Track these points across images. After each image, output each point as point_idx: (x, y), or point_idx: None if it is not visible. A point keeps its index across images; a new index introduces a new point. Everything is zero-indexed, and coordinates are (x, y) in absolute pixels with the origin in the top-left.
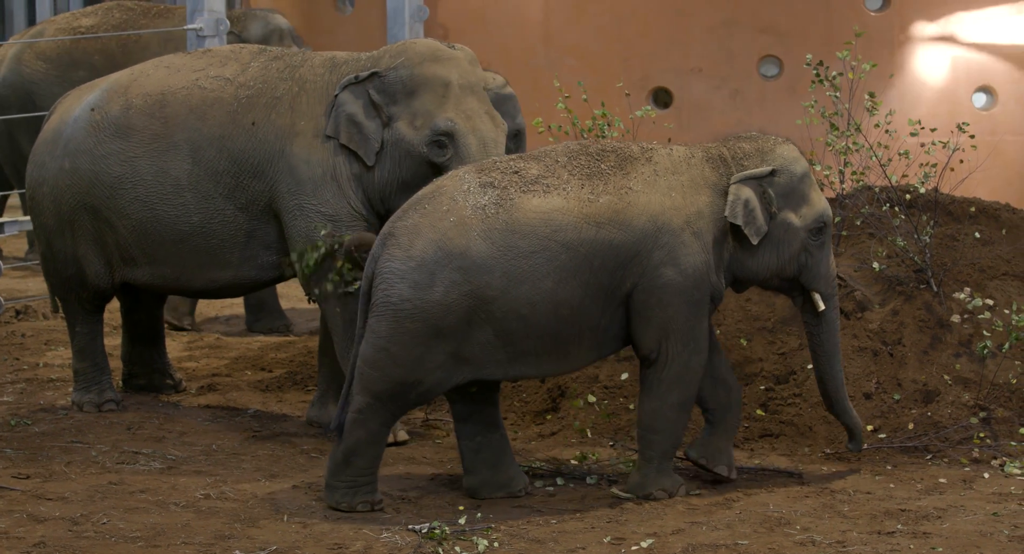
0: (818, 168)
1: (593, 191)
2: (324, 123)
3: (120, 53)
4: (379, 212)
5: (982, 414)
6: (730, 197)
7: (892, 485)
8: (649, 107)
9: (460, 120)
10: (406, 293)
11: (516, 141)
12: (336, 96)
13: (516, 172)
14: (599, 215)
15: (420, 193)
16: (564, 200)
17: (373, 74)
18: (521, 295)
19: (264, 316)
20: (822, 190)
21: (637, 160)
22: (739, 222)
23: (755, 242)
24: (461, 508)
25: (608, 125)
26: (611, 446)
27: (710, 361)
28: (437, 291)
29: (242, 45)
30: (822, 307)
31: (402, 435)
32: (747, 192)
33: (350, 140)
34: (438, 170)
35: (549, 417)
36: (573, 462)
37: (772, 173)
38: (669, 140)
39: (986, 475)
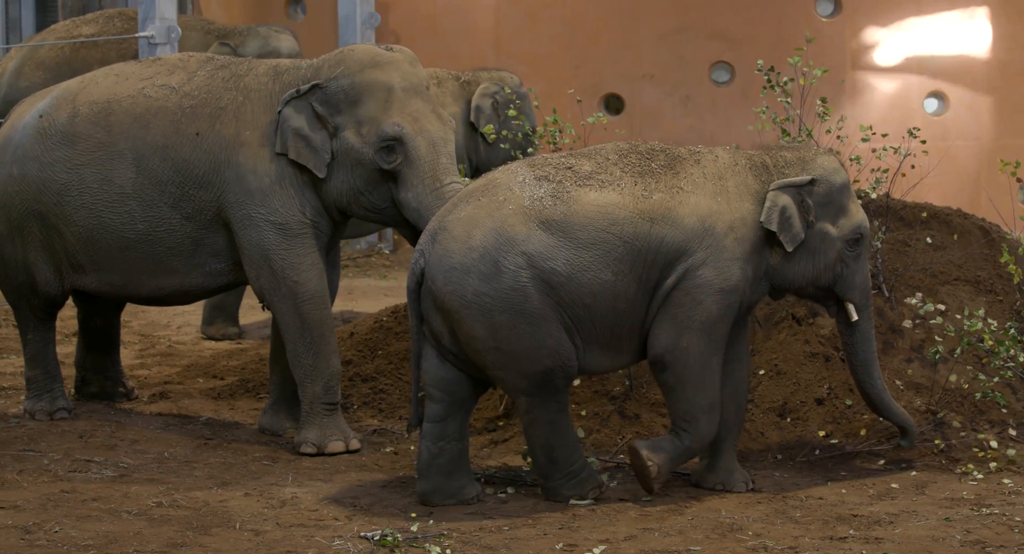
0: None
1: (646, 188)
2: (270, 132)
3: (120, 61)
4: (335, 219)
5: (938, 416)
6: (767, 203)
7: (844, 490)
8: (600, 113)
9: (407, 123)
10: (478, 286)
11: (528, 140)
12: (279, 112)
13: (569, 168)
14: (653, 211)
15: (470, 187)
16: (619, 195)
17: (314, 86)
18: (584, 284)
19: (218, 320)
20: None
21: (685, 161)
22: (774, 228)
23: (790, 249)
24: (414, 515)
25: (560, 131)
26: None
27: (739, 374)
28: (506, 278)
29: (191, 53)
30: (855, 318)
31: (354, 443)
32: (784, 199)
33: (299, 155)
34: (391, 176)
35: (501, 423)
36: (525, 469)
37: (812, 182)
38: None
39: (939, 480)
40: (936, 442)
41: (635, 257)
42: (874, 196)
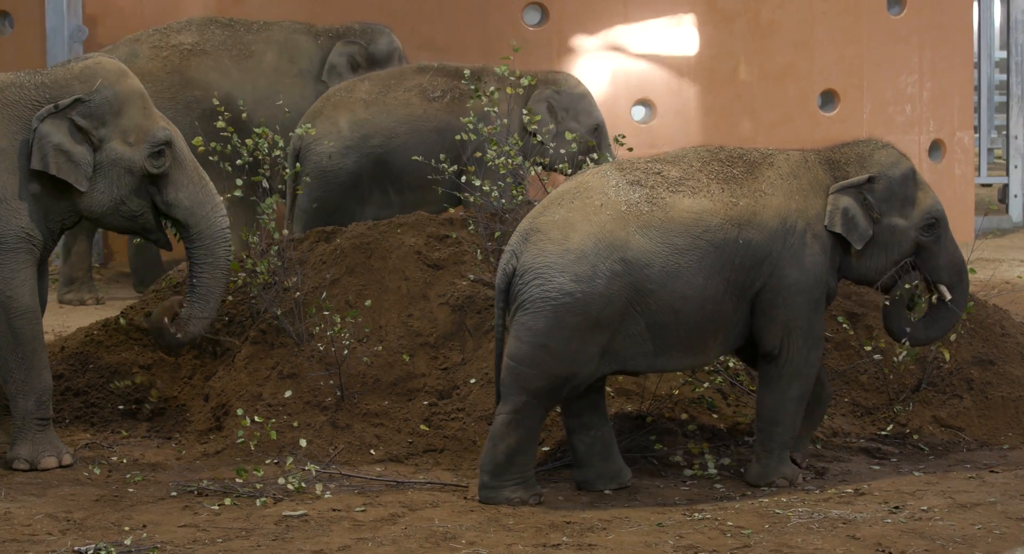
0: (477, 183)
1: (733, 195)
2: None
3: (236, 70)
4: (54, 231)
5: (648, 421)
6: (829, 207)
7: (560, 497)
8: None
9: (170, 126)
10: (568, 286)
11: (597, 134)
12: (35, 129)
13: (658, 173)
14: (740, 217)
15: (559, 190)
16: (711, 202)
17: (76, 101)
18: (676, 289)
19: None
20: (479, 208)
21: (761, 165)
22: (838, 230)
23: (859, 247)
24: (127, 529)
25: (268, 144)
26: (275, 464)
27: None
28: (599, 283)
29: None
30: (948, 296)
31: (67, 458)
32: (845, 200)
33: (60, 169)
34: (155, 180)
35: (213, 436)
36: (239, 480)
37: (870, 180)
38: None
39: (651, 486)
40: (649, 447)
41: (724, 262)
42: None
